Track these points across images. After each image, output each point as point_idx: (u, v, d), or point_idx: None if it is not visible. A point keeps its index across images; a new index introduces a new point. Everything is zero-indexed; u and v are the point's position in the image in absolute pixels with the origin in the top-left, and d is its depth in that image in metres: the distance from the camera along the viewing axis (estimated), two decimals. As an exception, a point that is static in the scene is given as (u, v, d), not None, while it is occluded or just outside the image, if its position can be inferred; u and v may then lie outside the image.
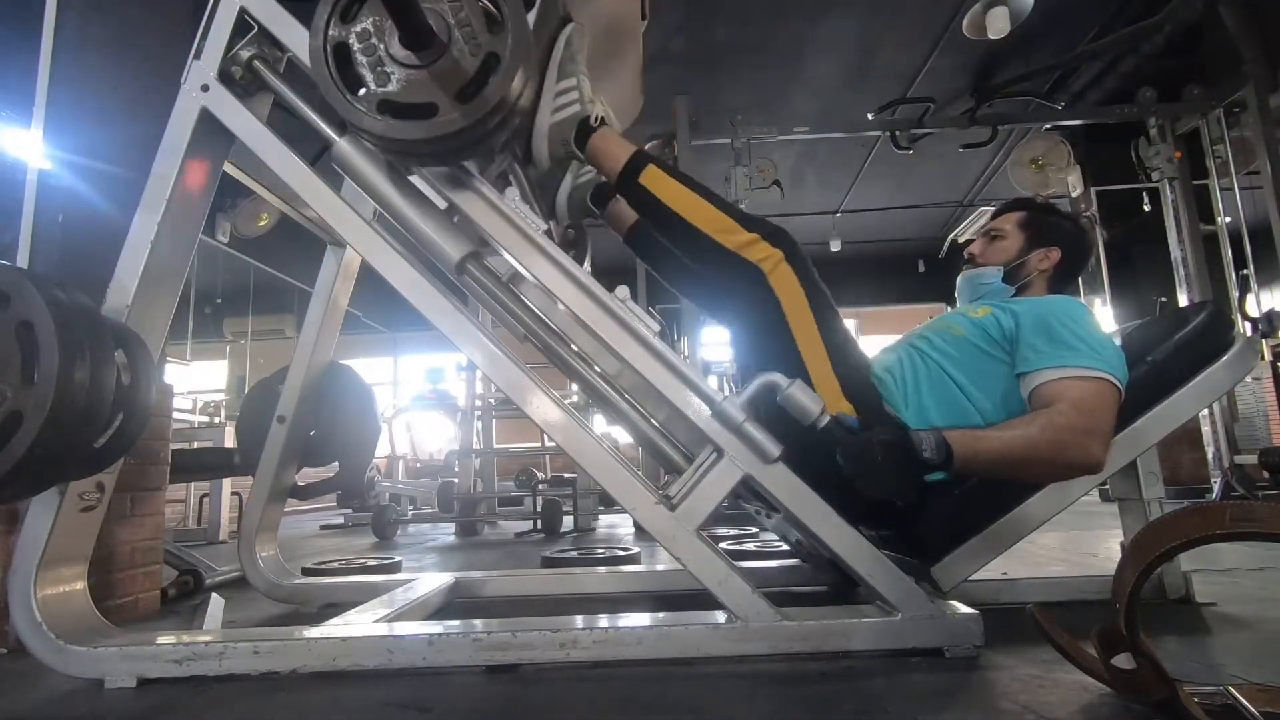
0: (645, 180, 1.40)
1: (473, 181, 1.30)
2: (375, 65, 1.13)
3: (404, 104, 1.12)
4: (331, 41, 1.13)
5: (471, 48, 1.12)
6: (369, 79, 1.13)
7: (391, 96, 1.12)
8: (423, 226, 1.29)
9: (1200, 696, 0.87)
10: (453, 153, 1.22)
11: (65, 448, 1.08)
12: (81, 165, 1.67)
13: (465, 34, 1.11)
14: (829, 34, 4.94)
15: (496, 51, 1.11)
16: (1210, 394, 1.39)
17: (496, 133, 1.18)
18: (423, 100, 1.12)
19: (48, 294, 1.07)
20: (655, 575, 1.92)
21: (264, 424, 1.91)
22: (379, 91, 1.12)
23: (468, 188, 1.30)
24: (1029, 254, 1.53)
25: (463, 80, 1.11)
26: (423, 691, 1.09)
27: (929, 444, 1.17)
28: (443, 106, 1.12)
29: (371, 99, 1.13)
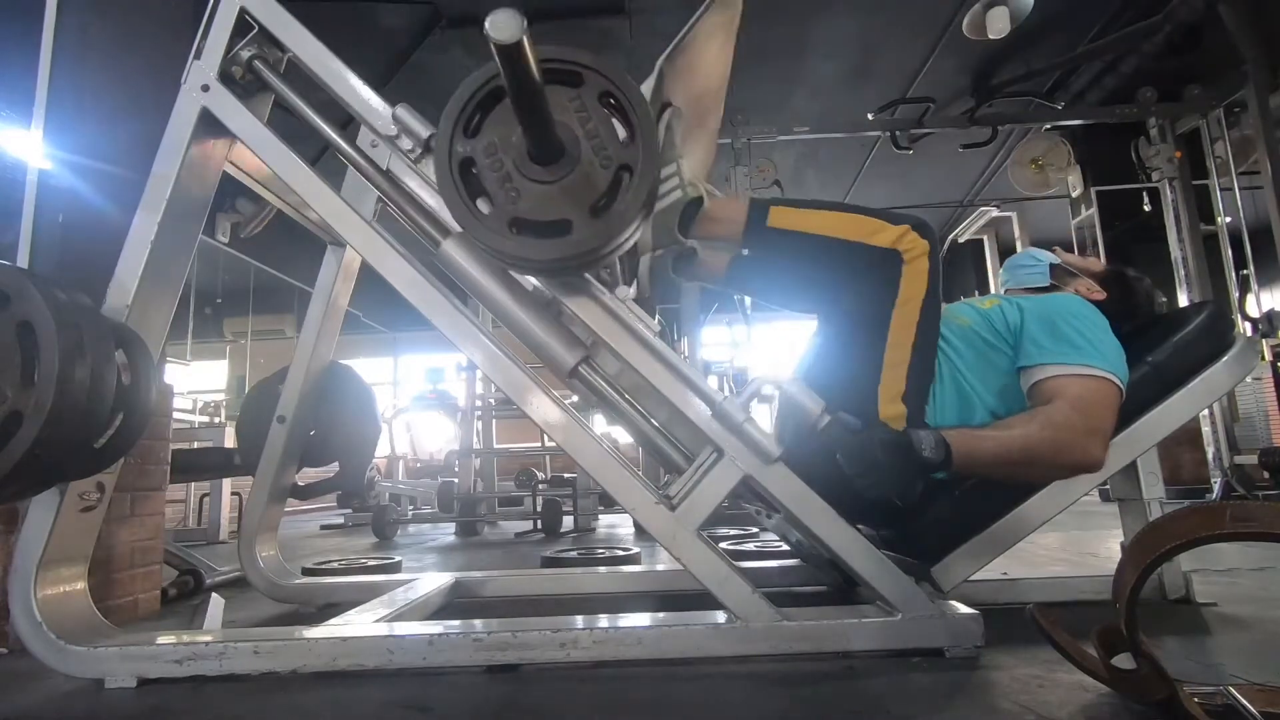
0: (775, 222, 1.40)
1: (589, 287, 1.25)
2: (503, 181, 1.07)
3: (538, 222, 1.07)
4: (457, 158, 1.07)
5: (602, 160, 1.06)
6: (498, 196, 1.07)
7: (524, 214, 1.07)
8: (536, 330, 1.24)
9: (1200, 696, 0.87)
10: (584, 267, 1.17)
11: (65, 448, 1.08)
12: (81, 165, 1.67)
13: (595, 145, 1.06)
14: (829, 34, 4.93)
15: (629, 163, 1.06)
16: (1210, 394, 1.39)
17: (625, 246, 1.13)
18: (556, 218, 1.07)
19: (48, 294, 1.07)
20: (655, 575, 1.92)
21: (264, 424, 1.91)
22: (510, 209, 1.07)
23: (582, 293, 1.25)
24: (1084, 277, 1.54)
25: (595, 195, 1.06)
26: (423, 691, 1.09)
27: (929, 443, 1.17)
28: (577, 223, 1.07)
29: (501, 216, 1.07)
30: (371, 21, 4.48)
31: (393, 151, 1.34)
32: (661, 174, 1.36)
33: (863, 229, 1.36)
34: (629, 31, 4.48)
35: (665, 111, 1.36)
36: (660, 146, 1.24)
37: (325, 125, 1.35)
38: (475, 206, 1.08)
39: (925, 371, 1.35)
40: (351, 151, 1.34)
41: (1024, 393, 1.32)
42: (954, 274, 8.85)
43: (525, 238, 1.07)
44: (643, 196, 1.06)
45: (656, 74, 1.28)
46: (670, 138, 1.37)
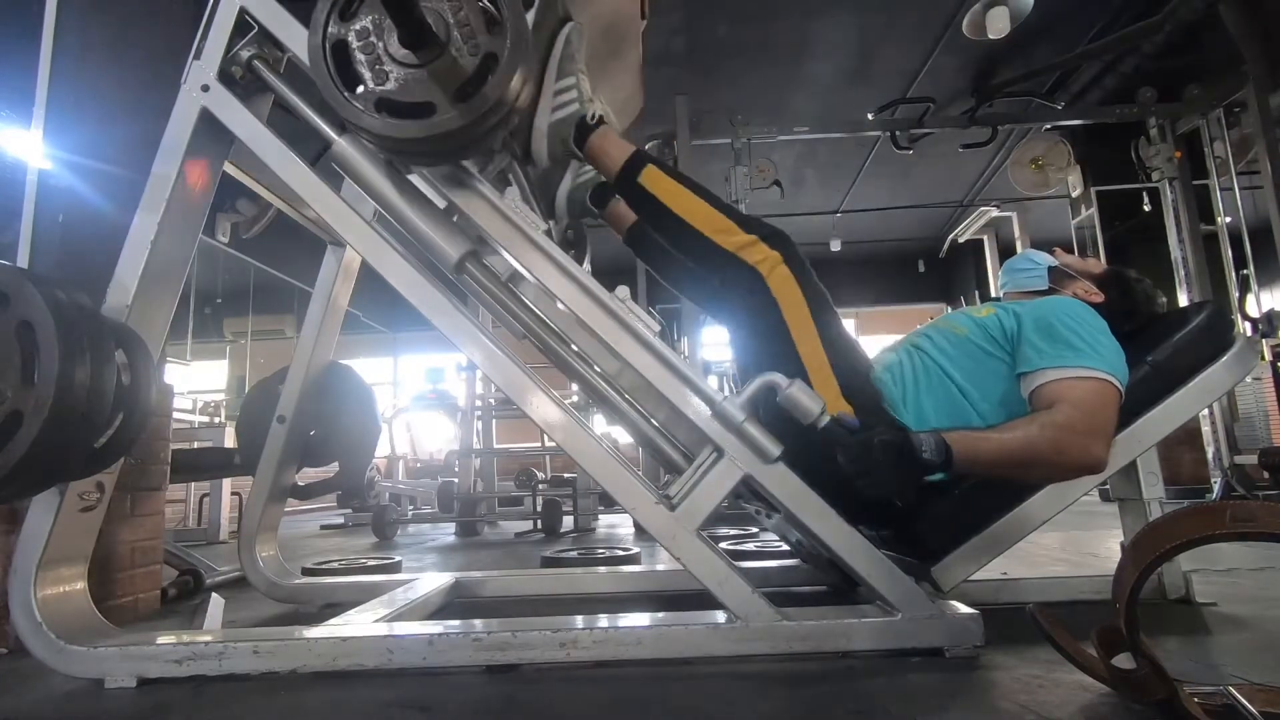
0: (644, 180, 1.40)
1: (472, 181, 1.30)
2: (374, 64, 1.12)
3: (402, 103, 1.12)
4: (330, 39, 1.13)
5: (470, 47, 1.12)
6: (368, 77, 1.13)
7: (390, 95, 1.12)
8: (421, 225, 1.29)
9: (1200, 696, 0.87)
10: (451, 152, 1.22)
11: (65, 448, 1.08)
12: (81, 165, 1.67)
13: (464, 33, 1.11)
14: (829, 34, 4.93)
15: (495, 51, 1.11)
16: (1210, 394, 1.39)
17: (495, 132, 1.18)
18: (421, 99, 1.12)
19: (48, 294, 1.07)
20: (655, 575, 1.92)
21: (264, 424, 1.91)
22: (377, 90, 1.12)
23: (467, 187, 1.30)
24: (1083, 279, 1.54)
25: (461, 79, 1.11)
26: (423, 691, 1.09)
27: (929, 445, 1.17)
28: (440, 105, 1.12)
29: (370, 97, 1.12)
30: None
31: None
32: (560, 85, 1.40)
33: (716, 224, 1.37)
34: None
35: (565, 26, 1.39)
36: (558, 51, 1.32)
37: (325, 125, 1.35)
38: (345, 88, 1.13)
39: (852, 366, 1.36)
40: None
41: (1025, 399, 1.32)
42: (954, 274, 8.87)
43: (389, 118, 1.12)
44: (507, 85, 1.10)
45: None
46: (569, 52, 1.40)
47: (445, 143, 1.15)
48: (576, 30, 1.42)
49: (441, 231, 1.30)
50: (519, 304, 1.39)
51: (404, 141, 1.14)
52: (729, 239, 1.36)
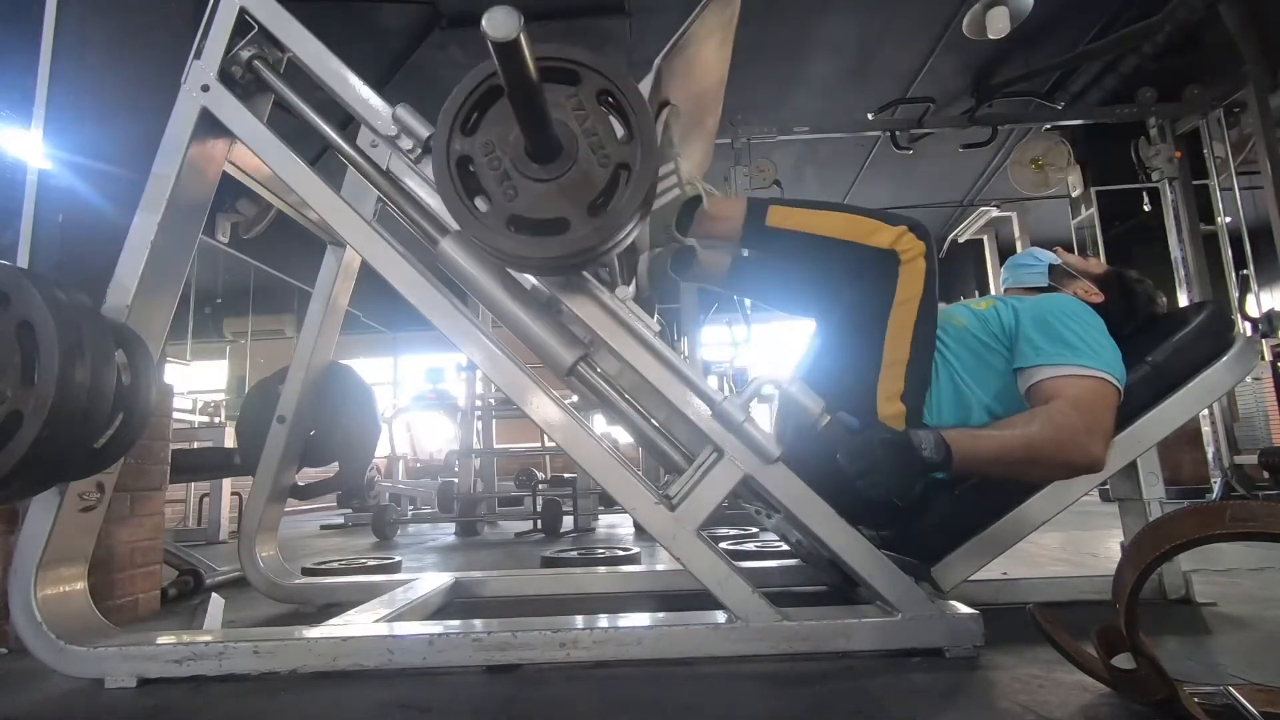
0: (773, 221, 1.41)
1: (587, 285, 1.25)
2: (501, 179, 1.06)
3: (535, 220, 1.07)
4: (454, 156, 1.06)
5: (600, 158, 1.06)
6: (496, 193, 1.07)
7: (521, 212, 1.07)
8: (534, 328, 1.24)
9: (1200, 696, 0.87)
10: (581, 265, 1.17)
11: (65, 448, 1.08)
12: (81, 165, 1.67)
13: (593, 143, 1.06)
14: (829, 34, 4.93)
15: (627, 162, 1.06)
16: (1210, 394, 1.39)
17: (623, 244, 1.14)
18: (554, 215, 1.07)
19: (48, 294, 1.07)
20: (655, 575, 1.92)
21: (264, 424, 1.91)
22: (507, 207, 1.07)
23: (581, 291, 1.25)
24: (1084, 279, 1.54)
25: (593, 193, 1.06)
26: (423, 691, 1.09)
27: (928, 443, 1.17)
28: (574, 221, 1.06)
29: (499, 214, 1.07)
30: (371, 21, 4.48)
31: (392, 151, 1.35)
32: (659, 173, 1.35)
33: (860, 229, 1.37)
34: (629, 31, 4.48)
35: (663, 110, 1.36)
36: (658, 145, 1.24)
37: (325, 125, 1.35)
38: (473, 204, 1.08)
39: (923, 371, 1.35)
40: (351, 151, 1.34)
41: (1022, 394, 1.32)
42: (954, 274, 8.86)
43: (523, 236, 1.07)
44: (641, 195, 1.06)
45: (654, 73, 1.28)
46: (668, 137, 1.37)
47: (581, 258, 1.10)
48: (674, 114, 1.39)
49: (558, 340, 1.24)
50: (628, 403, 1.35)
51: (539, 260, 1.09)
52: (880, 237, 1.35)
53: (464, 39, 4.50)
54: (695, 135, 1.61)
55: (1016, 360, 1.34)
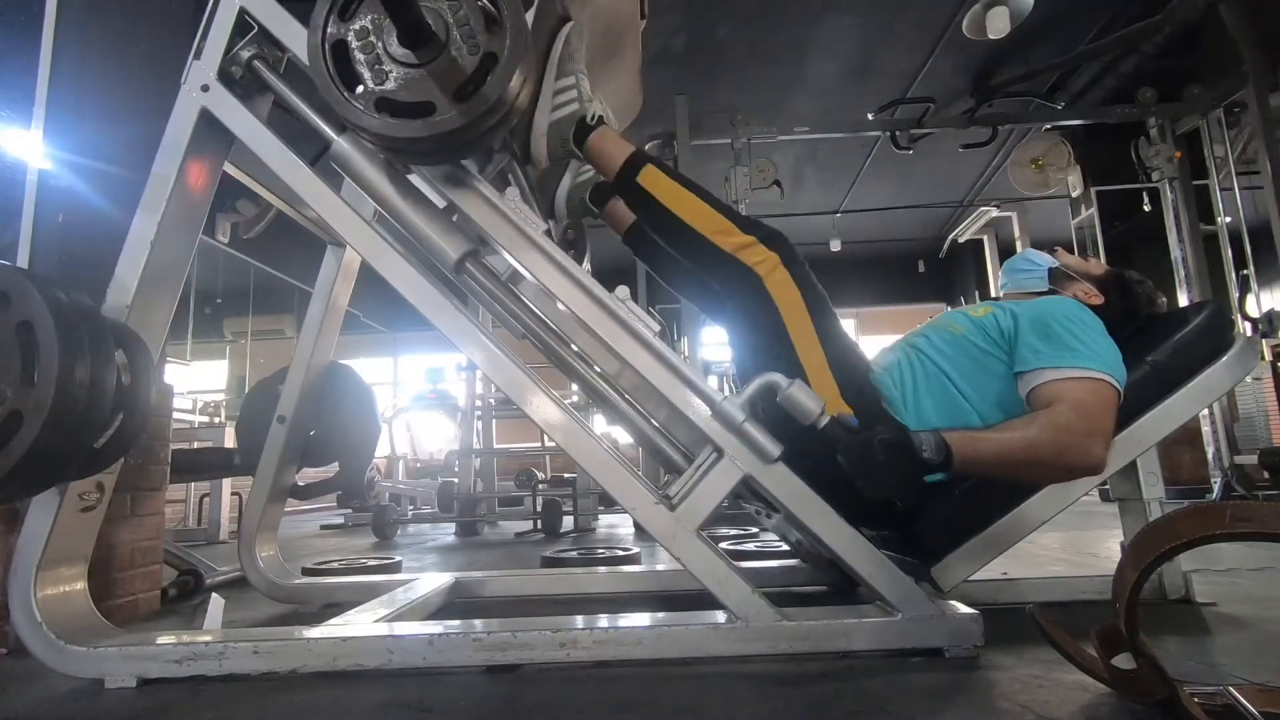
0: (643, 180, 1.40)
1: (471, 180, 1.30)
2: (373, 63, 1.12)
3: (402, 102, 1.12)
4: (330, 39, 1.13)
5: (470, 47, 1.12)
6: (367, 77, 1.13)
7: (389, 95, 1.12)
8: (421, 225, 1.29)
9: (1200, 697, 0.87)
10: (450, 151, 1.22)
11: (65, 448, 1.08)
12: (81, 165, 1.67)
13: (464, 33, 1.11)
14: (829, 34, 4.93)
15: (494, 51, 1.11)
16: (1210, 394, 1.39)
17: (494, 131, 1.18)
18: (420, 99, 1.12)
19: (48, 294, 1.07)
20: (655, 575, 1.92)
21: (264, 424, 1.91)
22: (377, 90, 1.12)
23: (466, 186, 1.30)
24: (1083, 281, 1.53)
25: (460, 79, 1.11)
26: (423, 691, 1.09)
27: (929, 444, 1.17)
28: (440, 105, 1.12)
29: (369, 97, 1.12)
30: (371, 21, 4.47)
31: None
32: (559, 85, 1.40)
33: (715, 225, 1.38)
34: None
35: (564, 25, 1.39)
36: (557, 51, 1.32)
37: (325, 125, 1.35)
38: (344, 89, 1.13)
39: (851, 366, 1.36)
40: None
41: (1023, 398, 1.32)
42: (954, 274, 8.88)
43: (389, 117, 1.12)
44: (506, 82, 1.10)
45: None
46: (568, 51, 1.40)
47: (445, 142, 1.15)
48: (576, 30, 1.42)
49: (441, 230, 1.30)
50: (519, 304, 1.39)
51: (404, 141, 1.14)
52: (728, 240, 1.36)
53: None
54: (612, 69, 1.63)
55: (1016, 364, 1.34)
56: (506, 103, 1.13)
